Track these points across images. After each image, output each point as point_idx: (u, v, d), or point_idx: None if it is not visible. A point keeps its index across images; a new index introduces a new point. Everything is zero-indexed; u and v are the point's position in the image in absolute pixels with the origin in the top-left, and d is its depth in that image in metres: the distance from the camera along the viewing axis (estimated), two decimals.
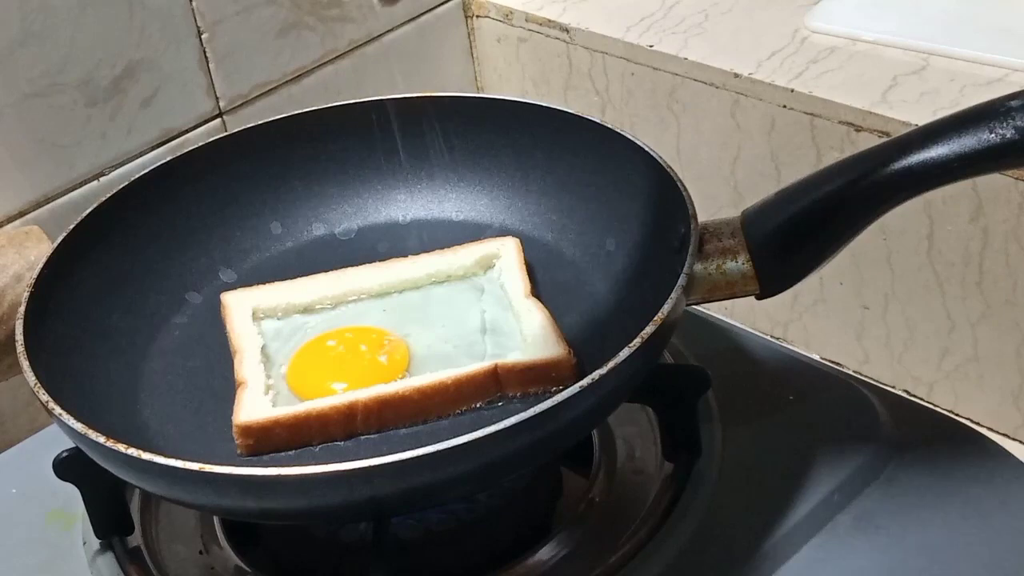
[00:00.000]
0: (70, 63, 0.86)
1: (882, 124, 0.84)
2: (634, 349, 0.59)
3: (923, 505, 0.68)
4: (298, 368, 0.69)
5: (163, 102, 0.91)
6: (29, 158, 0.86)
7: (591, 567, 0.65)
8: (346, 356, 0.69)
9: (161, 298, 0.75)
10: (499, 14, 1.07)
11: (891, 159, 0.64)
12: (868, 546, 0.66)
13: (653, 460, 0.70)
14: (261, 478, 0.56)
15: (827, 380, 0.76)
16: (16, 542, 0.73)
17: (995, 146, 0.62)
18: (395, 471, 0.55)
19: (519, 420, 0.56)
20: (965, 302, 0.84)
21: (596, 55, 0.99)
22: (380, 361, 0.68)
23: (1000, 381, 0.85)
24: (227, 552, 0.69)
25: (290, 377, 0.69)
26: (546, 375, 0.65)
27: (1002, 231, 0.81)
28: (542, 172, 0.78)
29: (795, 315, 0.94)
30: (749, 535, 0.66)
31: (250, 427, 0.65)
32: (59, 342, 0.68)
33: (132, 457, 0.58)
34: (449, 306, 0.72)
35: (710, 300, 0.66)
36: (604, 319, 0.71)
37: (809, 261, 0.66)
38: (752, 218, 0.66)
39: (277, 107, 0.97)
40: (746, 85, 0.91)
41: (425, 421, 0.65)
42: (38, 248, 0.80)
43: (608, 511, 0.68)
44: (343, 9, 1.00)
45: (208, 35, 0.92)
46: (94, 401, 0.67)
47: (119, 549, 0.70)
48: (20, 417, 0.87)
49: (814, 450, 0.70)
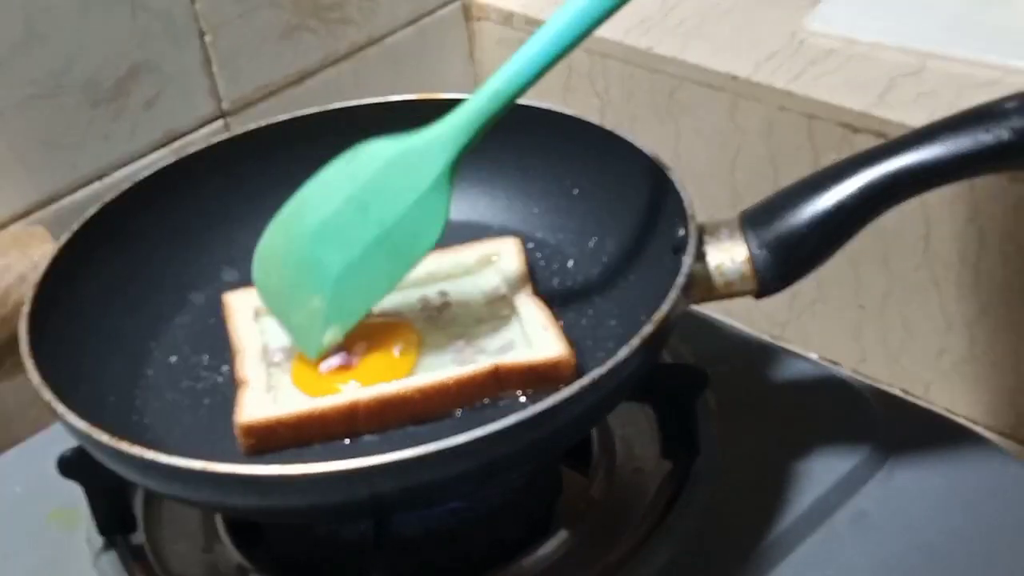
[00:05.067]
0: (73, 65, 0.86)
1: (879, 126, 0.84)
2: (633, 349, 0.59)
3: (920, 504, 0.68)
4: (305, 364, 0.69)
5: (166, 104, 0.91)
6: (33, 159, 0.86)
7: (591, 566, 0.65)
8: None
9: (164, 298, 0.75)
10: (499, 17, 1.07)
11: (888, 160, 0.64)
12: (865, 544, 0.66)
13: (652, 459, 0.70)
14: (263, 477, 0.57)
15: (825, 379, 0.76)
16: (20, 540, 0.73)
17: (991, 148, 0.62)
18: (396, 470, 0.56)
19: (519, 420, 0.56)
20: (962, 302, 0.85)
21: (595, 57, 0.99)
22: (392, 354, 0.68)
23: (997, 380, 0.85)
24: (230, 550, 0.70)
25: (297, 373, 0.69)
26: (547, 375, 0.66)
27: (998, 232, 0.81)
28: (542, 173, 0.78)
29: (793, 315, 0.95)
30: (747, 533, 0.66)
31: (252, 426, 0.65)
32: (63, 341, 0.68)
33: (135, 456, 0.58)
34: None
35: (709, 300, 0.67)
36: (604, 319, 0.71)
37: (807, 261, 0.66)
38: (750, 219, 0.67)
39: (280, 109, 0.97)
40: (745, 87, 0.91)
41: (426, 420, 0.65)
42: (42, 248, 0.80)
43: (607, 510, 0.68)
44: (345, 12, 1.00)
45: (211, 37, 0.93)
46: (97, 400, 0.67)
47: (122, 547, 0.70)
48: (24, 416, 0.87)
49: (812, 449, 0.70)
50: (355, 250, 0.68)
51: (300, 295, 0.69)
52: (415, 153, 0.67)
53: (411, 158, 0.67)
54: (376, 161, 0.68)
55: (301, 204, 0.69)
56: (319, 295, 0.68)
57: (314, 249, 0.68)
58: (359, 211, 0.68)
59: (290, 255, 0.69)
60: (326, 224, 0.68)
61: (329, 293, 0.68)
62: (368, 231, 0.68)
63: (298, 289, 0.69)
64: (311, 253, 0.68)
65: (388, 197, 0.67)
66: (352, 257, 0.68)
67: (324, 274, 0.68)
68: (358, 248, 0.68)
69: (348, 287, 0.68)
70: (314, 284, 0.68)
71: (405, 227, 0.67)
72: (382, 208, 0.67)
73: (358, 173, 0.68)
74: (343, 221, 0.68)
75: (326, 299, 0.68)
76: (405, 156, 0.67)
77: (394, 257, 0.68)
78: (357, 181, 0.68)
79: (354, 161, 0.69)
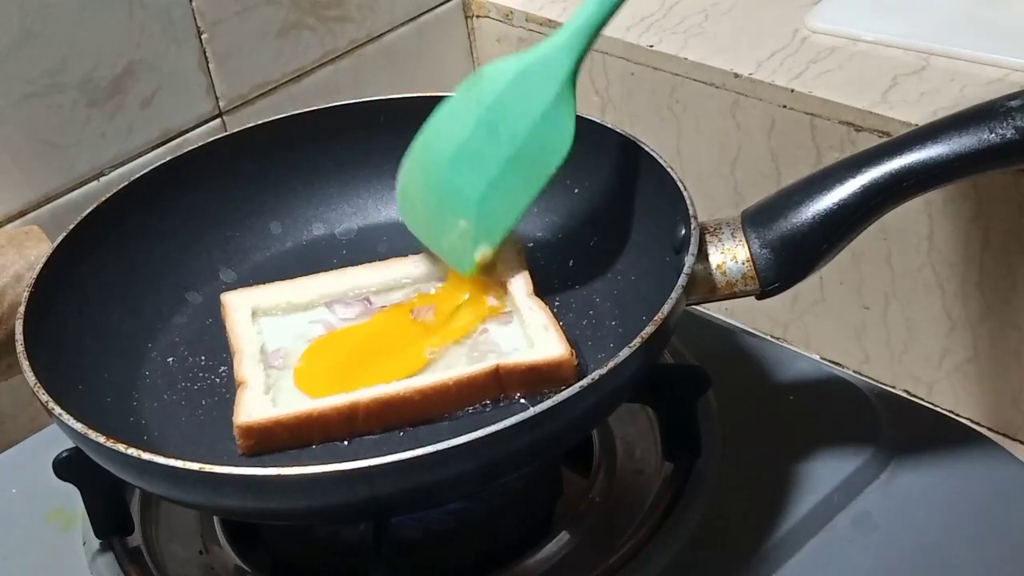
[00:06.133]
0: (70, 63, 0.86)
1: (882, 124, 0.84)
2: (634, 349, 0.59)
3: (923, 505, 0.68)
4: (314, 366, 0.69)
5: (163, 102, 0.91)
6: (29, 158, 0.86)
7: (591, 567, 0.65)
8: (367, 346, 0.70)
9: (161, 298, 0.75)
10: (499, 14, 1.07)
11: (891, 159, 0.64)
12: (868, 546, 0.66)
13: (653, 460, 0.70)
14: (261, 478, 0.56)
15: (827, 380, 0.76)
16: (16, 542, 0.73)
17: (995, 146, 0.62)
18: (395, 471, 0.55)
19: (519, 420, 0.56)
20: (965, 302, 0.84)
21: (596, 55, 0.99)
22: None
23: (1000, 381, 0.85)
24: (227, 552, 0.69)
25: (303, 373, 0.68)
26: (548, 375, 0.65)
27: (1002, 231, 0.81)
28: None
29: (795, 315, 0.94)
30: (749, 535, 0.66)
31: (250, 427, 0.65)
32: (59, 342, 0.68)
33: (132, 457, 0.58)
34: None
35: (710, 300, 0.66)
36: (604, 319, 0.71)
37: (809, 261, 0.66)
38: (752, 218, 0.66)
39: (277, 107, 0.97)
40: (746, 85, 0.91)
41: (427, 422, 0.65)
42: (38, 248, 0.80)
43: (608, 511, 0.68)
44: (343, 9, 1.00)
45: (208, 35, 0.92)
46: (94, 401, 0.67)
47: (119, 549, 0.70)
48: (20, 417, 0.87)
49: (814, 450, 0.70)
50: (492, 171, 0.70)
51: (446, 220, 0.71)
52: (535, 68, 0.69)
53: (532, 74, 0.69)
54: (498, 82, 0.70)
55: (432, 134, 0.72)
56: (464, 218, 0.70)
57: (453, 176, 0.71)
58: (490, 132, 0.70)
59: (430, 184, 0.72)
60: (460, 150, 0.70)
61: (474, 215, 0.70)
62: (501, 150, 0.70)
63: (443, 215, 0.71)
64: (451, 180, 0.71)
65: (515, 114, 0.69)
66: (490, 178, 0.70)
67: (466, 198, 0.70)
68: (495, 169, 0.70)
69: (491, 206, 0.70)
70: (458, 208, 0.71)
71: (536, 141, 0.69)
72: (511, 126, 0.69)
73: (483, 96, 0.70)
74: (476, 144, 0.70)
75: (472, 221, 0.70)
76: (526, 72, 0.69)
77: (530, 171, 0.70)
78: (483, 103, 0.70)
79: (477, 85, 0.71)
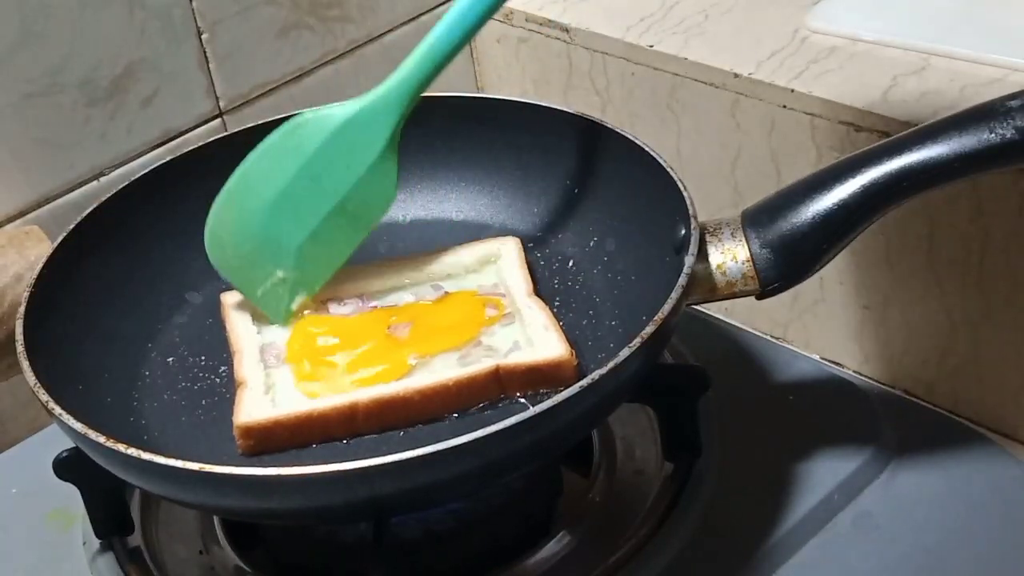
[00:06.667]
0: (70, 63, 0.86)
1: (882, 124, 0.84)
2: (634, 349, 0.59)
3: (923, 505, 0.68)
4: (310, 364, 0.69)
5: (163, 102, 0.91)
6: (29, 158, 0.86)
7: (591, 567, 0.65)
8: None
9: (161, 298, 0.75)
10: (499, 14, 1.07)
11: (891, 159, 0.64)
12: (868, 546, 0.66)
13: (653, 460, 0.70)
14: (261, 478, 0.56)
15: (827, 380, 0.76)
16: (16, 542, 0.73)
17: (995, 146, 0.62)
18: (395, 471, 0.55)
19: (519, 420, 0.56)
20: (965, 302, 0.84)
21: (596, 55, 0.99)
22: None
23: (1000, 381, 0.84)
24: (227, 552, 0.69)
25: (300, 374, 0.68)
26: (548, 375, 0.65)
27: (1003, 231, 0.81)
28: (542, 172, 0.78)
29: (795, 315, 0.94)
30: (749, 535, 0.66)
31: (250, 427, 0.65)
32: (59, 342, 0.68)
33: (132, 457, 0.58)
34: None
35: (710, 300, 0.66)
36: (604, 319, 0.71)
37: (809, 261, 0.66)
38: (752, 218, 0.66)
39: (277, 107, 0.97)
40: (746, 85, 0.91)
41: (427, 422, 0.65)
42: (38, 248, 0.80)
43: (608, 511, 0.68)
44: (343, 9, 1.00)
45: (208, 35, 0.92)
46: (94, 401, 0.67)
47: (119, 549, 0.70)
48: (20, 417, 0.87)
49: (814, 450, 0.70)
50: (313, 222, 0.70)
51: (262, 269, 0.70)
52: (359, 122, 0.69)
53: (356, 128, 0.69)
54: (321, 133, 0.69)
55: (247, 179, 0.71)
56: (282, 268, 0.70)
57: (271, 224, 0.70)
58: (311, 184, 0.70)
59: (246, 231, 0.71)
60: (280, 198, 0.70)
61: (292, 265, 0.70)
62: (323, 203, 0.70)
63: (259, 263, 0.71)
64: (269, 228, 0.70)
65: (339, 167, 0.69)
66: (311, 229, 0.70)
67: (285, 248, 0.70)
68: (315, 220, 0.70)
69: (310, 257, 0.70)
70: (276, 258, 0.70)
71: (359, 195, 0.70)
72: (335, 179, 0.69)
73: (303, 146, 0.70)
74: (296, 194, 0.70)
75: (290, 271, 0.70)
76: (349, 126, 0.69)
77: (352, 224, 0.70)
78: (304, 153, 0.70)
79: (297, 132, 0.70)
